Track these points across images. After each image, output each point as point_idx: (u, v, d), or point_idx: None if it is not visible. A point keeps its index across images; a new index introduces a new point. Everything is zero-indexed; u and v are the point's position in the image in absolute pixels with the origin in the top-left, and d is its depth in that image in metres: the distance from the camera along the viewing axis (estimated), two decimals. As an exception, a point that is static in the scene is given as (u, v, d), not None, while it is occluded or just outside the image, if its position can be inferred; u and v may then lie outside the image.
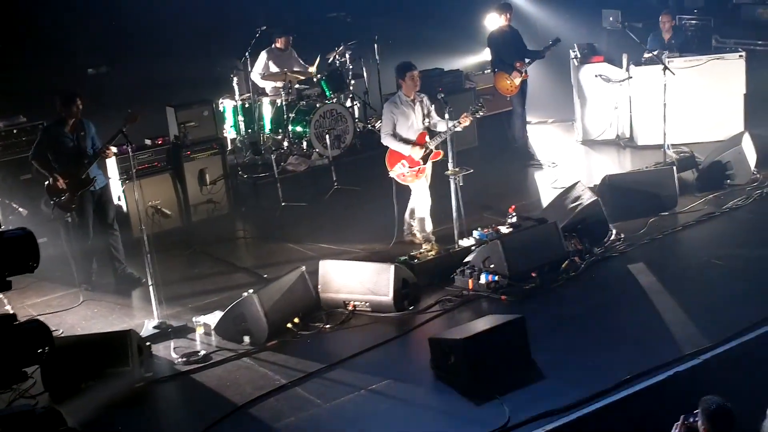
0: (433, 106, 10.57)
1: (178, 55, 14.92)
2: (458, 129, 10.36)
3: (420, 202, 10.50)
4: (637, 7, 17.01)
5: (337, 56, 14.79)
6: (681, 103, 13.34)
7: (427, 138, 10.34)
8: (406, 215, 10.83)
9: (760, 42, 15.61)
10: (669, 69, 12.62)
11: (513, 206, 10.99)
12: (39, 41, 14.24)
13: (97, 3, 14.82)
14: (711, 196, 11.76)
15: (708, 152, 12.68)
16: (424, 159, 10.34)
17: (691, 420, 5.75)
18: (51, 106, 10.43)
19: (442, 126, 10.38)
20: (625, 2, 17.19)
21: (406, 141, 10.37)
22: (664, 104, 12.63)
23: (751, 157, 12.17)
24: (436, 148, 10.40)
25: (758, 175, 12.11)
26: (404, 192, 10.71)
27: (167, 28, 14.79)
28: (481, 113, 10.45)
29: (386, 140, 10.42)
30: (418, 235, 10.72)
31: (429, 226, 10.52)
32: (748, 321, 8.42)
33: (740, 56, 13.90)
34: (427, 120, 10.46)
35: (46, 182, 10.25)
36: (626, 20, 15.53)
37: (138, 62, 14.83)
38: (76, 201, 10.28)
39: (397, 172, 10.46)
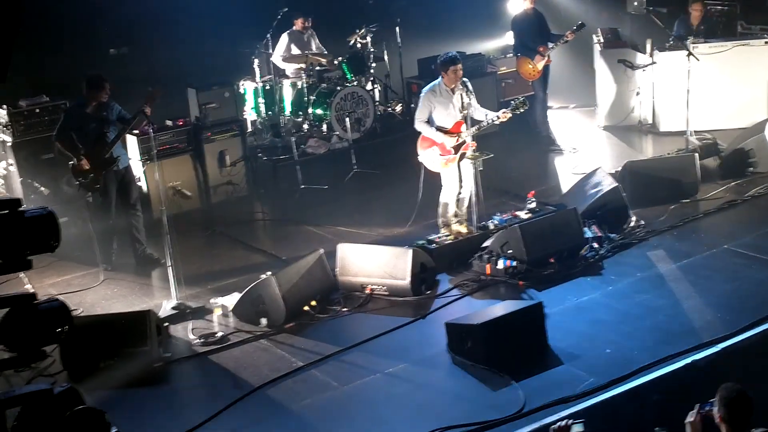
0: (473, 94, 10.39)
1: (200, 37, 14.92)
2: (497, 123, 10.30)
3: (446, 189, 10.39)
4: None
5: (358, 39, 14.75)
6: (704, 89, 13.22)
7: (463, 128, 10.19)
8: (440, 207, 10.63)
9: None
10: (693, 55, 12.53)
11: (532, 191, 10.98)
12: (61, 22, 14.26)
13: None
14: (733, 183, 11.68)
15: (731, 139, 12.59)
16: (456, 148, 10.21)
17: (707, 408, 5.72)
18: (75, 87, 10.47)
19: (479, 115, 10.30)
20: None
21: (440, 128, 10.25)
22: (688, 90, 12.53)
23: (774, 145, 12.08)
24: (472, 139, 10.25)
25: (781, 163, 12.01)
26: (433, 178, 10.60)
27: (189, 10, 14.78)
28: (522, 110, 10.31)
29: (419, 126, 10.28)
30: (453, 221, 10.53)
31: (451, 211, 10.44)
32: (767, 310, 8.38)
33: (766, 43, 13.75)
34: (465, 110, 10.22)
35: (71, 162, 10.29)
36: (651, 5, 15.41)
37: (159, 43, 14.84)
38: (100, 181, 10.32)
39: (427, 157, 10.35)
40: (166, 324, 8.94)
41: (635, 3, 16.93)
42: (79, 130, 10.26)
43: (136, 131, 11.30)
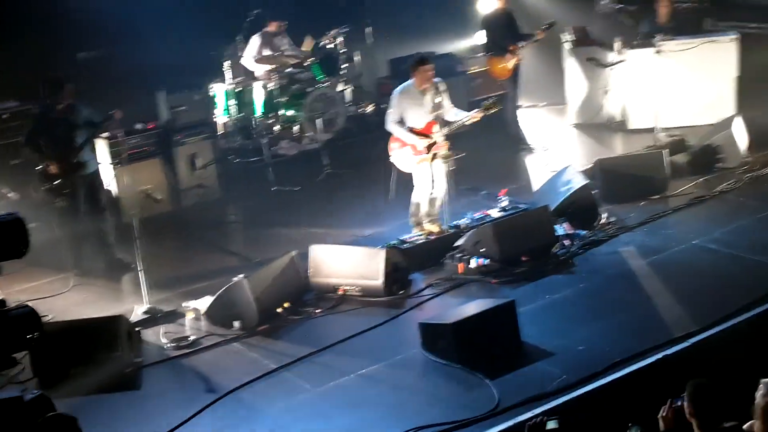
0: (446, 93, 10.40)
1: (170, 39, 14.83)
2: (468, 123, 10.32)
3: (419, 189, 10.39)
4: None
5: (329, 40, 14.73)
6: (673, 86, 13.28)
7: (435, 128, 10.19)
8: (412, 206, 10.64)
9: (752, 25, 15.55)
10: (661, 52, 12.59)
11: (504, 190, 11.02)
12: (30, 26, 14.15)
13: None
14: (702, 179, 11.73)
15: (699, 136, 12.66)
16: (428, 148, 10.21)
17: (679, 403, 5.76)
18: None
19: (451, 116, 10.32)
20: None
21: (412, 129, 10.25)
22: (656, 88, 12.60)
23: (742, 140, 12.15)
24: (444, 139, 10.26)
25: (749, 159, 12.08)
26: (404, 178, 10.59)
27: (158, 12, 14.71)
28: (494, 110, 10.34)
29: (390, 126, 10.28)
30: (425, 221, 10.53)
31: (423, 211, 10.45)
32: (738, 304, 8.43)
33: (733, 39, 13.85)
34: (437, 110, 10.22)
35: (38, 167, 10.22)
36: (619, 3, 15.48)
37: (129, 46, 14.73)
38: (68, 186, 10.26)
39: (399, 157, 10.35)
40: (138, 329, 8.89)
41: (603, 1, 16.99)
42: (47, 135, 10.19)
43: (106, 134, 11.20)
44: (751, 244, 9.85)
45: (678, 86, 13.46)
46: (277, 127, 13.95)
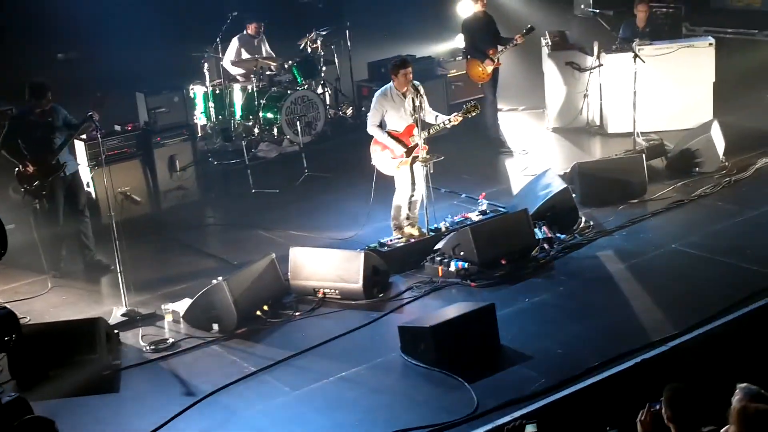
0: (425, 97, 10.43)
1: (149, 41, 14.81)
2: (448, 126, 10.33)
3: (400, 192, 10.40)
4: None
5: (308, 42, 14.74)
6: (651, 91, 13.35)
7: (415, 131, 10.17)
8: (393, 210, 10.64)
9: (729, 30, 15.68)
10: (639, 57, 12.65)
11: (483, 193, 11.05)
12: (8, 26, 14.11)
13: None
14: (680, 183, 11.79)
15: (677, 140, 12.73)
16: (408, 151, 10.22)
17: (657, 407, 5.79)
18: (23, 93, 10.31)
19: (431, 119, 10.33)
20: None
21: (392, 132, 10.25)
22: (634, 92, 12.65)
23: (720, 145, 12.22)
24: (424, 142, 10.27)
25: (726, 163, 12.15)
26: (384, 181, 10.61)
27: (138, 13, 14.68)
28: (474, 114, 10.37)
29: (371, 130, 10.28)
30: (405, 224, 10.53)
31: (404, 214, 10.46)
32: (716, 308, 8.49)
33: (710, 44, 13.93)
34: (417, 113, 10.22)
35: (16, 169, 10.18)
36: (598, 7, 15.55)
37: (108, 48, 14.69)
38: (46, 187, 10.21)
39: (379, 160, 10.36)
40: (116, 331, 8.85)
41: (582, 6, 17.08)
42: (25, 137, 10.14)
43: (84, 136, 11.16)
44: (728, 249, 9.91)
45: (656, 91, 13.54)
46: (256, 130, 13.95)
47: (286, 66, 14.42)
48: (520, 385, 7.59)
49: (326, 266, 9.53)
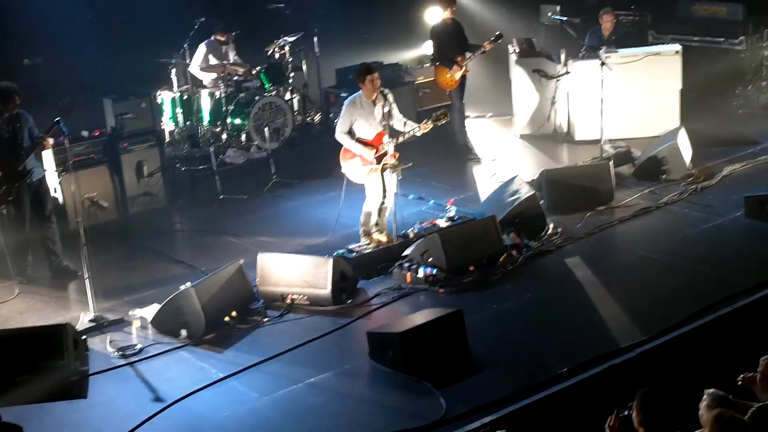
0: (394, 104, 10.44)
1: (116, 47, 14.76)
2: (417, 134, 10.34)
3: (370, 199, 10.40)
4: (574, 3, 17.12)
5: (276, 48, 14.72)
6: (618, 98, 13.41)
7: (385, 139, 10.19)
8: (362, 216, 10.65)
9: (695, 38, 15.83)
10: (606, 64, 12.73)
11: (451, 200, 11.08)
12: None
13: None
14: (647, 190, 11.88)
15: (644, 147, 12.83)
16: (378, 159, 10.22)
17: (625, 413, 5.83)
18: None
19: (400, 126, 10.35)
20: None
21: (361, 140, 10.26)
22: (602, 99, 12.71)
23: (687, 152, 12.33)
24: (393, 149, 10.28)
25: (693, 171, 12.25)
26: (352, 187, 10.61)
27: (105, 19, 14.62)
28: (444, 121, 10.38)
29: (340, 137, 10.27)
30: (373, 230, 10.54)
31: (373, 220, 10.46)
32: (683, 314, 8.56)
33: (676, 52, 14.04)
34: (386, 121, 10.25)
35: (-18, 175, 10.10)
36: (564, 15, 15.65)
37: (74, 53, 14.62)
38: (13, 193, 10.14)
39: (349, 168, 10.36)
40: (84, 337, 8.79)
41: (549, 13, 17.17)
42: (-10, 143, 10.08)
43: (51, 140, 11.07)
44: (695, 255, 10.01)
45: (623, 98, 13.62)
46: (224, 136, 13.92)
47: (253, 72, 14.38)
48: (488, 390, 7.61)
49: (294, 272, 9.51)
